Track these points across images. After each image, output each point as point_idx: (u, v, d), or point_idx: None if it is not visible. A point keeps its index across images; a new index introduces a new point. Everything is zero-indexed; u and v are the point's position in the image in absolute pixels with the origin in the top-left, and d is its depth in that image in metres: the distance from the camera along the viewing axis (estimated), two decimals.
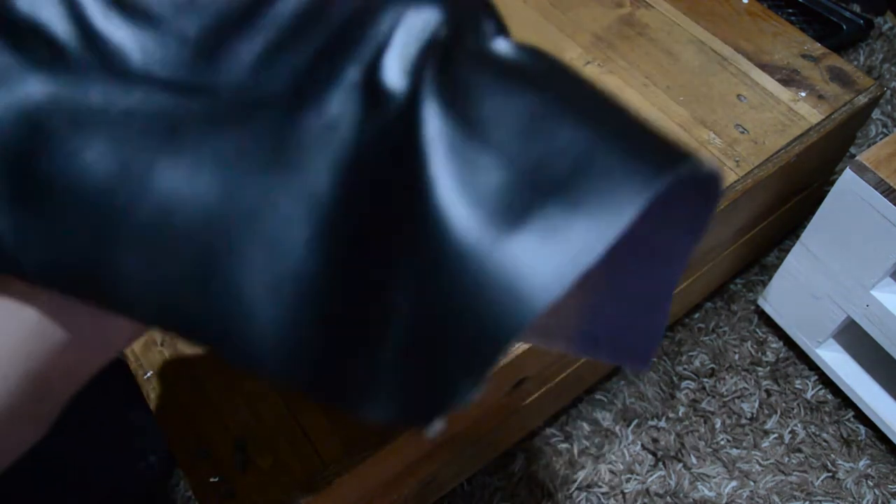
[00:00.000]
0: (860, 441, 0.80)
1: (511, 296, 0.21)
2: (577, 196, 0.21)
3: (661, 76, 0.73)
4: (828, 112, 0.70)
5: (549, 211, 0.21)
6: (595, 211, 0.21)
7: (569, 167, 0.22)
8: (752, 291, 0.91)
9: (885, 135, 1.03)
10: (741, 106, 0.71)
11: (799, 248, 0.75)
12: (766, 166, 0.67)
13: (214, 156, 0.25)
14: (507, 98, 0.23)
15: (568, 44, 0.76)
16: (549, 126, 0.23)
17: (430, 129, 0.23)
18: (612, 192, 0.21)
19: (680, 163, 0.22)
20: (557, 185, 0.21)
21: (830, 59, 0.75)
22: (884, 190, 0.61)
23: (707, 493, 0.77)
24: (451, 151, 0.23)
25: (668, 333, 0.87)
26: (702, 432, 0.80)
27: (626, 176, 0.21)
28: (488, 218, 0.22)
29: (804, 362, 0.85)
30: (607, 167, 0.21)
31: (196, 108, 0.26)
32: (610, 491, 0.77)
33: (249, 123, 0.26)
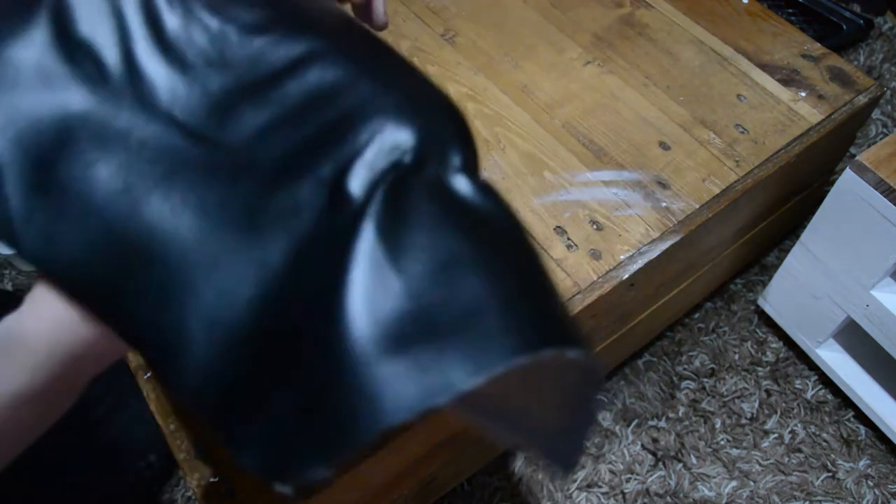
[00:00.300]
0: (860, 441, 0.80)
1: (371, 408, 0.24)
2: (451, 346, 0.24)
3: (661, 76, 0.73)
4: (828, 112, 0.70)
5: (424, 350, 0.24)
6: (457, 365, 0.24)
7: (456, 319, 0.25)
8: (752, 291, 0.91)
9: (885, 135, 1.03)
10: (741, 106, 0.71)
11: (799, 248, 0.75)
12: (766, 166, 0.67)
13: (200, 202, 0.30)
14: (436, 237, 0.27)
15: (568, 44, 0.76)
16: (458, 275, 0.26)
17: (364, 243, 0.27)
18: (478, 355, 0.24)
19: (549, 347, 0.25)
20: (441, 330, 0.25)
21: (830, 59, 0.75)
22: (884, 190, 0.61)
23: (707, 493, 0.77)
24: (372, 269, 0.26)
25: (668, 333, 0.88)
26: (702, 432, 0.80)
27: (497, 345, 0.24)
28: (380, 337, 0.25)
29: (804, 362, 0.85)
30: (486, 331, 0.25)
31: (197, 154, 0.30)
32: (610, 491, 0.77)
33: (236, 183, 0.30)
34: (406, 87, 0.32)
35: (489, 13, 0.79)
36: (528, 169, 0.66)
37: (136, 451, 0.76)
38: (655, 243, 0.61)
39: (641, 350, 0.86)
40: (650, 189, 0.65)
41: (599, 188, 0.65)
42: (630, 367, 0.85)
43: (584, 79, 0.73)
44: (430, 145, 0.29)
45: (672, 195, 0.64)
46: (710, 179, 0.65)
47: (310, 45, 0.32)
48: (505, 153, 0.67)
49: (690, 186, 0.65)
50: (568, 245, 0.61)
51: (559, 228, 0.62)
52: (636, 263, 0.60)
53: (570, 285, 0.59)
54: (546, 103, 0.71)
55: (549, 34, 0.77)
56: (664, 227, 0.62)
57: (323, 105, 0.31)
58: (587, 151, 0.67)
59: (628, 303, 0.66)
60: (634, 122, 0.70)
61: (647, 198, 0.64)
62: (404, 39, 0.77)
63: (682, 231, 0.62)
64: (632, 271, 0.60)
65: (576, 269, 0.60)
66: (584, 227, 0.62)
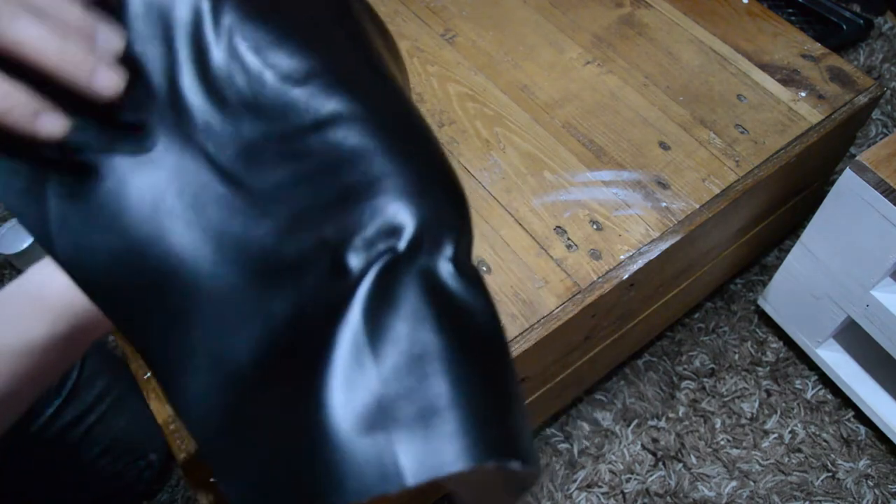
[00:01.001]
0: (860, 441, 0.80)
1: (334, 482, 0.26)
2: (407, 440, 0.26)
3: (661, 76, 0.73)
4: (828, 112, 0.70)
5: (386, 439, 0.27)
6: (411, 459, 0.26)
7: (418, 415, 0.27)
8: (752, 291, 0.91)
9: (885, 135, 1.03)
10: (741, 106, 0.71)
11: (799, 248, 0.75)
12: (766, 166, 0.67)
13: (219, 238, 0.31)
14: (416, 329, 0.29)
15: (568, 44, 0.76)
16: (429, 372, 0.28)
17: (351, 323, 0.28)
18: (429, 454, 0.26)
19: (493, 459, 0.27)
20: (403, 423, 0.27)
21: (830, 59, 0.75)
22: (884, 190, 0.61)
23: (707, 493, 0.77)
24: (354, 349, 0.28)
25: (668, 333, 0.88)
26: (702, 432, 0.80)
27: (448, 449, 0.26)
28: (354, 418, 0.27)
29: (804, 362, 0.85)
30: (441, 433, 0.27)
31: (223, 192, 0.32)
32: (610, 491, 0.77)
33: (255, 228, 0.32)
34: (416, 167, 0.33)
35: (489, 13, 0.79)
36: (528, 169, 0.66)
37: (136, 451, 0.77)
38: (655, 243, 0.61)
39: (641, 350, 0.86)
40: (650, 189, 0.65)
41: (599, 188, 0.65)
42: (630, 367, 0.85)
43: (584, 79, 0.73)
44: (426, 232, 0.31)
45: (672, 195, 0.64)
46: (710, 179, 0.65)
47: (340, 105, 0.33)
48: (505, 153, 0.67)
49: (690, 186, 0.65)
50: (568, 245, 0.61)
51: (559, 228, 0.62)
52: (636, 263, 0.60)
53: (570, 285, 0.59)
54: (546, 103, 0.71)
55: (549, 34, 0.77)
56: (664, 227, 0.62)
57: (340, 170, 0.32)
58: (587, 151, 0.67)
59: (628, 303, 0.66)
60: (634, 122, 0.70)
61: (647, 198, 0.64)
62: (404, 39, 0.77)
63: (682, 231, 0.62)
64: (632, 271, 0.60)
65: (576, 269, 0.60)
66: (584, 227, 0.62)
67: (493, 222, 0.63)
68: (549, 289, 0.59)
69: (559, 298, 0.58)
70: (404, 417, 0.27)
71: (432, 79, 0.73)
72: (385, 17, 0.79)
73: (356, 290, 0.29)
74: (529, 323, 0.57)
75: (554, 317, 0.57)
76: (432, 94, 0.72)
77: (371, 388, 0.27)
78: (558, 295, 0.58)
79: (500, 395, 0.29)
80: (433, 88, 0.72)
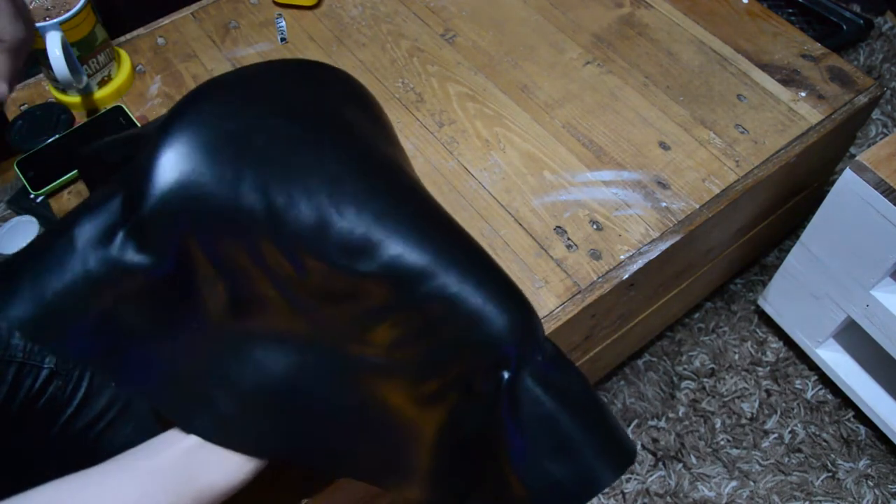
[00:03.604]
0: (860, 441, 0.80)
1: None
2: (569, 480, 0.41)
3: (661, 76, 0.73)
4: (828, 112, 0.70)
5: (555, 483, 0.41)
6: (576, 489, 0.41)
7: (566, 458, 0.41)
8: (752, 291, 0.91)
9: (885, 135, 1.03)
10: (741, 106, 0.71)
11: (799, 248, 0.75)
12: (766, 166, 0.67)
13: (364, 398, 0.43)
14: (540, 413, 0.40)
15: (568, 44, 0.76)
16: (560, 433, 0.40)
17: (507, 419, 0.40)
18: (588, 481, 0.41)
19: (630, 456, 0.42)
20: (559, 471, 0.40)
21: (830, 59, 0.75)
22: (884, 190, 0.61)
23: (707, 493, 0.77)
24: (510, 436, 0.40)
25: (668, 333, 0.88)
26: (702, 432, 0.80)
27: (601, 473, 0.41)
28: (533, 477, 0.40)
29: (804, 362, 0.85)
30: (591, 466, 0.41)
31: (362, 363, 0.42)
32: (610, 491, 0.77)
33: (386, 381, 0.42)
34: (497, 297, 0.41)
35: (489, 13, 0.79)
36: (528, 169, 0.66)
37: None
38: (655, 243, 0.61)
39: (641, 350, 0.86)
40: (650, 189, 0.65)
41: (599, 188, 0.65)
42: (630, 367, 0.85)
43: (584, 79, 0.73)
44: (523, 353, 0.40)
45: (672, 195, 0.64)
46: (710, 179, 0.65)
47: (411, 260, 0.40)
48: (505, 153, 0.67)
49: (690, 186, 0.65)
50: (568, 245, 0.61)
51: (559, 228, 0.62)
52: (636, 263, 0.60)
53: (570, 285, 0.59)
54: (546, 103, 0.71)
55: (549, 34, 0.77)
56: (664, 227, 0.62)
57: (440, 321, 0.40)
58: (587, 151, 0.67)
59: (628, 303, 0.66)
60: (634, 122, 0.70)
61: (647, 198, 0.64)
62: (404, 39, 0.77)
63: (682, 231, 0.62)
64: (632, 271, 0.60)
65: (576, 269, 0.60)
66: (584, 227, 0.62)
67: (493, 222, 0.63)
68: (549, 289, 0.59)
69: (559, 298, 0.58)
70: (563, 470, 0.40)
71: (432, 79, 0.73)
72: (385, 17, 0.79)
73: (497, 404, 0.40)
74: None
75: (554, 317, 0.57)
76: (432, 94, 0.72)
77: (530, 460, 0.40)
78: (558, 295, 0.58)
79: (608, 425, 0.42)
80: (433, 88, 0.72)
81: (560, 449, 0.40)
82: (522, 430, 0.40)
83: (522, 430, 0.40)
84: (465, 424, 0.42)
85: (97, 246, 0.39)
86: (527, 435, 0.40)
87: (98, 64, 0.69)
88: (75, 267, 0.39)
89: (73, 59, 0.65)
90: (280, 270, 0.40)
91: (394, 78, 0.73)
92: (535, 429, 0.40)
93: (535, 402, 0.40)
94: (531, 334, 0.41)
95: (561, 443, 0.40)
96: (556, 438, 0.40)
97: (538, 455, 0.40)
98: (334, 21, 0.79)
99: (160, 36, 0.78)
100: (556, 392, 0.41)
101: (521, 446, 0.40)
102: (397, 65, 0.75)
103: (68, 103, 0.71)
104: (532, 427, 0.40)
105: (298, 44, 0.77)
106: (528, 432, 0.40)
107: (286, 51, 0.76)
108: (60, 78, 0.63)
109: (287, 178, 0.40)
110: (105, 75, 0.71)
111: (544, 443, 0.40)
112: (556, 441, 0.40)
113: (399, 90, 0.72)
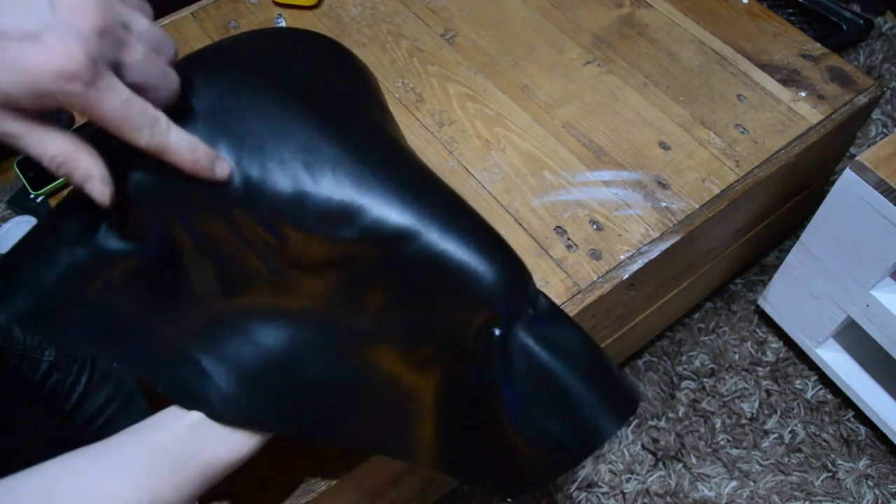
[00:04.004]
0: (860, 441, 0.80)
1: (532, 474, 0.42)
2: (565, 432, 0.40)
3: (661, 76, 0.73)
4: (828, 112, 0.70)
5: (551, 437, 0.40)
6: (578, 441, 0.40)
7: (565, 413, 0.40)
8: (752, 291, 0.91)
9: (885, 135, 1.03)
10: (741, 106, 0.71)
11: (799, 248, 0.75)
12: (766, 166, 0.67)
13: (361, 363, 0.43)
14: (535, 368, 0.40)
15: (568, 44, 0.76)
16: (559, 388, 0.40)
17: (501, 377, 0.40)
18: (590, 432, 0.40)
19: (633, 405, 0.41)
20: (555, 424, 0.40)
21: (830, 59, 0.75)
22: (884, 190, 0.61)
23: (707, 493, 0.77)
24: (505, 393, 0.40)
25: (668, 333, 0.88)
26: (702, 432, 0.80)
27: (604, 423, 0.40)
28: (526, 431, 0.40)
29: (804, 362, 0.85)
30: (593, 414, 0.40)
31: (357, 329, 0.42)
32: (610, 491, 0.77)
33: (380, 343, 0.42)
34: (483, 253, 0.40)
35: (489, 13, 0.79)
36: (528, 169, 0.66)
37: None
38: (655, 243, 0.61)
39: (641, 350, 0.86)
40: (650, 189, 0.65)
41: (599, 188, 0.65)
42: (630, 367, 0.85)
43: (584, 79, 0.73)
44: (513, 308, 0.40)
45: (672, 195, 0.64)
46: (710, 179, 0.65)
47: (396, 222, 0.39)
48: (505, 153, 0.67)
49: (690, 186, 0.65)
50: (568, 245, 0.61)
51: (559, 228, 0.62)
52: (636, 263, 0.60)
53: (570, 285, 0.59)
54: (546, 103, 0.71)
55: (549, 34, 0.77)
56: (664, 227, 0.62)
57: (428, 281, 0.40)
58: (587, 151, 0.67)
59: (628, 303, 0.66)
60: (634, 122, 0.70)
61: (647, 198, 0.64)
62: (404, 39, 0.77)
63: (682, 231, 0.62)
64: (632, 271, 0.60)
65: (576, 269, 0.60)
66: (584, 227, 0.62)
67: (493, 222, 0.62)
68: (549, 289, 0.59)
69: (559, 298, 0.58)
70: (561, 423, 0.39)
71: (432, 79, 0.73)
72: (385, 16, 0.79)
73: (490, 362, 0.39)
74: None
75: None
76: (432, 94, 0.72)
77: (528, 415, 0.39)
78: (558, 295, 0.58)
79: (609, 376, 0.41)
80: (433, 88, 0.72)
81: (558, 402, 0.40)
82: (516, 387, 0.39)
83: (516, 387, 0.39)
84: (463, 387, 0.41)
85: (83, 237, 0.39)
86: (521, 391, 0.39)
87: None
88: (64, 259, 0.39)
89: None
90: (260, 241, 0.39)
91: (394, 78, 0.73)
92: (531, 383, 0.39)
93: (528, 356, 0.39)
94: (520, 288, 0.40)
95: (558, 396, 0.39)
96: (553, 391, 0.39)
97: (536, 410, 0.40)
98: (334, 21, 0.79)
99: None
100: (550, 345, 0.40)
101: (517, 403, 0.39)
102: (397, 65, 0.75)
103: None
104: (527, 382, 0.39)
105: None
106: (523, 388, 0.39)
107: None
108: None
109: (261, 149, 0.39)
110: None
111: (541, 397, 0.39)
112: (552, 394, 0.39)
113: (399, 90, 0.72)
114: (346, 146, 0.41)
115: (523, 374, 0.39)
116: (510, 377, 0.39)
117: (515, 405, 0.40)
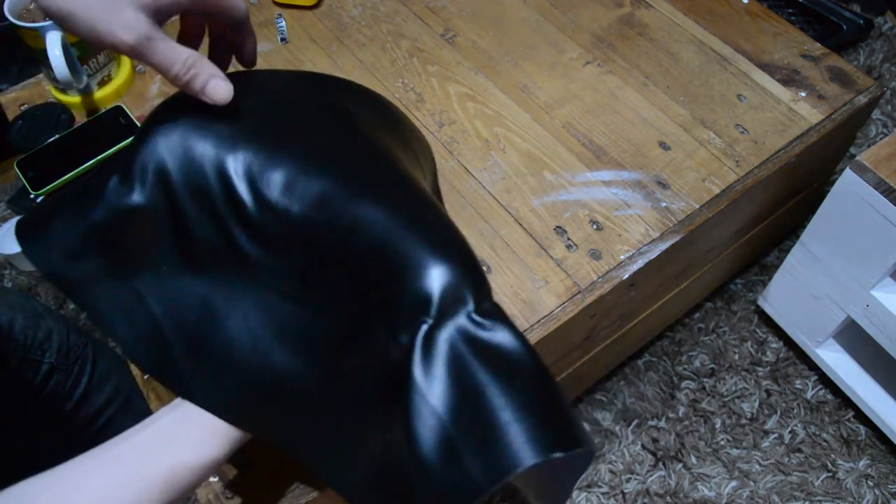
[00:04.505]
0: (860, 441, 0.80)
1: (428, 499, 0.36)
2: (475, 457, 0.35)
3: (661, 76, 0.73)
4: (828, 112, 0.70)
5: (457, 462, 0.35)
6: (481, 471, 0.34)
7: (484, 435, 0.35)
8: (752, 291, 0.91)
9: (885, 135, 1.03)
10: (741, 106, 0.71)
11: (799, 248, 0.75)
12: (766, 166, 0.67)
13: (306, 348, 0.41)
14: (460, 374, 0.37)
15: (568, 44, 0.76)
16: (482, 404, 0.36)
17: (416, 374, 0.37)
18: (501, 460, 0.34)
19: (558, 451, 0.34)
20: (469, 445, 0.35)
21: (830, 59, 0.75)
22: (884, 190, 0.61)
23: (707, 493, 0.77)
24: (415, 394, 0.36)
25: (668, 333, 0.88)
26: (702, 432, 0.80)
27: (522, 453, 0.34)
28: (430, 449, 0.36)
29: (804, 362, 0.85)
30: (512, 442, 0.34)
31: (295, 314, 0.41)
32: (610, 491, 0.77)
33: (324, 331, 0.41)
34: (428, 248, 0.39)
35: (489, 13, 0.79)
36: (528, 169, 0.66)
37: None
38: (655, 243, 0.61)
39: (641, 350, 0.86)
40: (650, 189, 0.65)
41: (599, 188, 0.65)
42: (630, 367, 0.85)
43: (584, 79, 0.73)
44: (447, 298, 0.38)
45: (672, 195, 0.64)
46: (710, 179, 0.65)
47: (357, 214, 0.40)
48: (505, 153, 0.67)
49: (690, 186, 0.65)
50: (568, 245, 0.61)
51: (559, 228, 0.62)
52: (636, 263, 0.60)
53: (570, 285, 0.59)
54: (546, 103, 0.71)
55: (549, 34, 0.77)
56: (664, 227, 0.62)
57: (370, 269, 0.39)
58: (587, 151, 0.67)
59: (628, 303, 0.66)
60: (634, 122, 0.70)
61: (647, 198, 0.64)
62: (404, 39, 0.77)
63: (682, 231, 0.62)
64: (632, 271, 0.60)
65: (576, 269, 0.60)
66: (584, 227, 0.62)
67: (493, 222, 0.63)
68: (549, 289, 0.59)
69: (559, 298, 0.58)
70: (468, 442, 0.35)
71: (432, 79, 0.73)
72: (385, 16, 0.79)
73: (411, 357, 0.37)
74: (529, 323, 0.57)
75: (554, 317, 0.57)
76: (432, 94, 0.72)
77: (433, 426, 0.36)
78: (558, 295, 0.58)
79: (547, 401, 0.36)
80: (433, 88, 0.72)
81: (471, 414, 0.35)
82: (432, 389, 0.36)
83: (432, 389, 0.36)
84: (391, 381, 0.38)
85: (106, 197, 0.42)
86: (437, 395, 0.36)
87: (98, 64, 0.69)
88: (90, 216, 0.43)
89: (73, 59, 0.65)
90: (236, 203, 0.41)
91: (394, 78, 0.73)
92: (449, 390, 0.36)
93: (453, 357, 0.37)
94: (465, 286, 0.38)
95: (474, 407, 0.35)
96: (469, 400, 0.36)
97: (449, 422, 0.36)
98: (334, 21, 0.79)
99: None
100: (482, 350, 0.37)
101: (424, 410, 0.36)
102: (397, 65, 0.75)
103: (68, 103, 0.71)
104: (446, 388, 0.36)
105: (298, 44, 0.77)
106: (439, 392, 0.36)
107: (286, 51, 0.76)
108: (60, 78, 0.63)
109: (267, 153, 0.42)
110: (105, 75, 0.71)
111: (458, 407, 0.36)
112: (467, 403, 0.36)
113: (399, 90, 0.72)
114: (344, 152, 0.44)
115: (444, 376, 0.36)
116: (428, 376, 0.36)
117: (424, 408, 0.36)
